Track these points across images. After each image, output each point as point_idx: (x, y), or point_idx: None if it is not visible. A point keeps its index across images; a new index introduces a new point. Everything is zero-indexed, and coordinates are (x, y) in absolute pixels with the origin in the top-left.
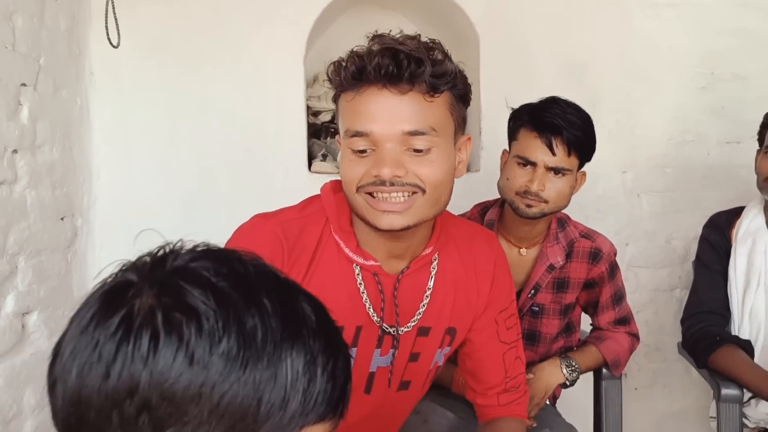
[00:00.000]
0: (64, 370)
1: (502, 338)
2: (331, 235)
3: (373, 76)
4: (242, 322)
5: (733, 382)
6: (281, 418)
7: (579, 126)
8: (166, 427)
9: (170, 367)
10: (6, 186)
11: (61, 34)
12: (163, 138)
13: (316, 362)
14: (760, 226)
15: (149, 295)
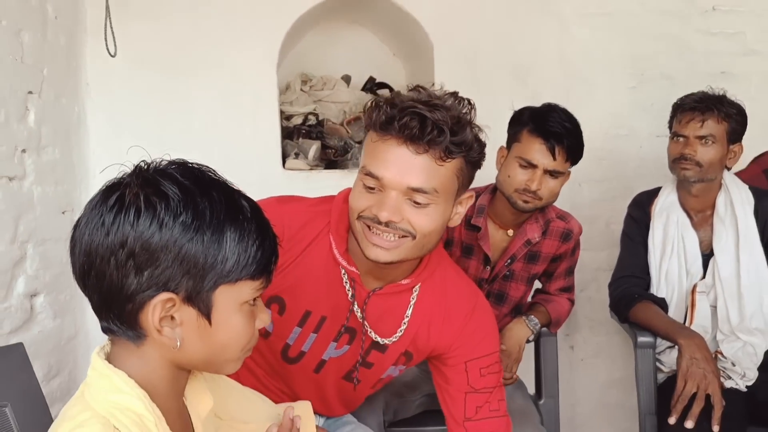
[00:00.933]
0: (80, 234)
1: (471, 383)
2: (327, 234)
3: (397, 131)
4: (196, 204)
5: (647, 331)
6: (221, 270)
7: (576, 134)
8: (144, 269)
9: (147, 229)
10: (17, 181)
11: (61, 48)
12: (152, 140)
13: (248, 237)
14: (673, 202)
15: (136, 185)
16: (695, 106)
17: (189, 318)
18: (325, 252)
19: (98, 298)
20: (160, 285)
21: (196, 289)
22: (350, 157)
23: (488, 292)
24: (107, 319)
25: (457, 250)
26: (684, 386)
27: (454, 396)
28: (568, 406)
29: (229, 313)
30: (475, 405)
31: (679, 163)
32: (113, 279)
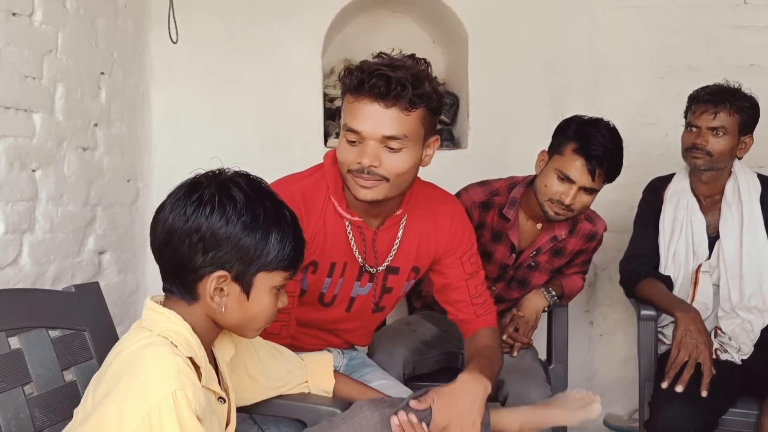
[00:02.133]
0: (164, 217)
1: (466, 270)
2: (330, 199)
3: (368, 91)
4: (255, 209)
5: (650, 305)
6: (264, 261)
7: (615, 155)
8: (209, 251)
9: (217, 222)
10: (89, 151)
11: (129, 34)
12: (207, 118)
13: (287, 240)
14: (685, 188)
15: (213, 187)
16: (709, 98)
17: (234, 292)
18: (332, 213)
19: (169, 266)
20: (218, 264)
21: (243, 271)
22: None
23: (512, 277)
24: (172, 283)
25: (487, 233)
26: (677, 355)
27: (458, 286)
28: (585, 379)
29: (262, 293)
30: (474, 285)
31: (691, 152)
32: (185, 254)
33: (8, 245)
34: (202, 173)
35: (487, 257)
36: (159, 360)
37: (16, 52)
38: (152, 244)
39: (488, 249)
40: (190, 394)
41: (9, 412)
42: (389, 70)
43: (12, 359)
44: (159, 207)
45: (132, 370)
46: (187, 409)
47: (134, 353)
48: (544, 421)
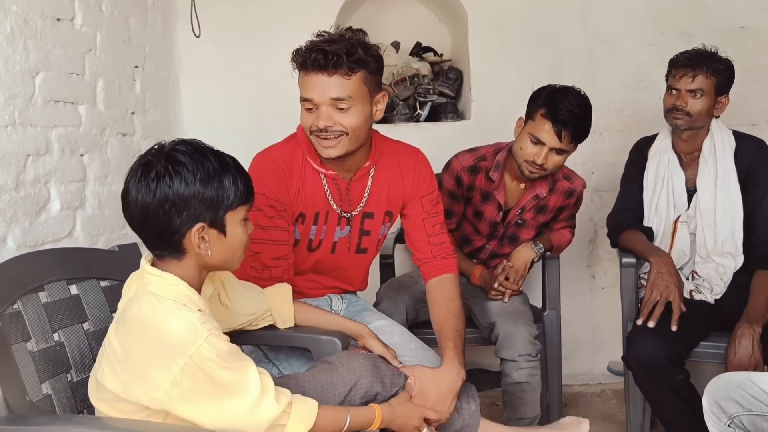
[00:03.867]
0: (133, 199)
1: (425, 209)
2: (306, 159)
3: (311, 66)
4: (204, 165)
5: (631, 253)
6: (227, 203)
7: (581, 119)
8: (182, 212)
9: (179, 187)
10: (128, 137)
11: (158, 30)
12: (231, 102)
13: (236, 180)
14: (667, 146)
15: (162, 161)
16: (687, 63)
17: (213, 236)
18: (310, 171)
19: (153, 237)
20: (193, 219)
21: (214, 217)
22: (396, 112)
23: (503, 235)
24: (159, 248)
25: (477, 194)
26: (650, 295)
27: (416, 224)
28: (589, 329)
29: (235, 227)
30: (432, 224)
31: (672, 113)
32: (163, 222)
33: (63, 220)
34: (145, 153)
35: (478, 216)
36: (184, 321)
37: (61, 52)
38: (131, 224)
39: (479, 209)
40: (217, 332)
41: (73, 343)
42: (326, 45)
43: (72, 302)
44: (123, 193)
45: (159, 334)
46: (220, 342)
47: (158, 320)
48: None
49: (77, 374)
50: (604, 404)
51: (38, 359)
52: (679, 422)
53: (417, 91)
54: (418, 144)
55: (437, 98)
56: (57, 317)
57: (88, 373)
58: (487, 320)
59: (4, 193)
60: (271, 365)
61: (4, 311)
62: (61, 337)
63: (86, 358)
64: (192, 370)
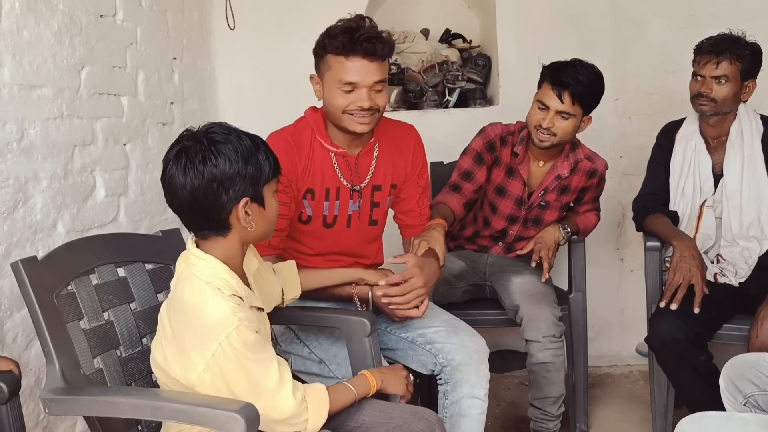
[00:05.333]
0: (181, 182)
1: (419, 185)
2: (316, 138)
3: (359, 51)
4: (241, 143)
5: (655, 236)
6: (264, 177)
7: (585, 84)
8: (229, 189)
9: (224, 167)
10: (168, 126)
11: (195, 22)
12: (264, 92)
13: (267, 155)
14: (694, 131)
15: (203, 144)
16: (711, 49)
17: (254, 209)
18: (319, 149)
19: (202, 217)
20: (239, 195)
21: (255, 191)
22: (425, 99)
23: (526, 218)
24: (206, 227)
25: (501, 171)
26: (673, 278)
27: (412, 197)
28: (617, 311)
29: (270, 199)
30: (423, 197)
31: (697, 100)
32: (212, 201)
33: (108, 206)
34: (178, 140)
35: (500, 193)
36: (217, 308)
37: (105, 47)
38: (179, 209)
39: (502, 184)
40: (247, 322)
41: (121, 321)
42: (373, 33)
43: (120, 283)
44: (168, 181)
45: (200, 318)
46: (248, 332)
47: (197, 305)
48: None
49: (125, 350)
50: (632, 385)
51: (90, 336)
52: (700, 401)
53: (446, 78)
54: (448, 130)
55: (466, 84)
56: (107, 298)
57: (136, 349)
58: (511, 303)
59: (54, 182)
60: (302, 345)
61: (59, 292)
62: (111, 316)
63: (133, 336)
64: (223, 356)
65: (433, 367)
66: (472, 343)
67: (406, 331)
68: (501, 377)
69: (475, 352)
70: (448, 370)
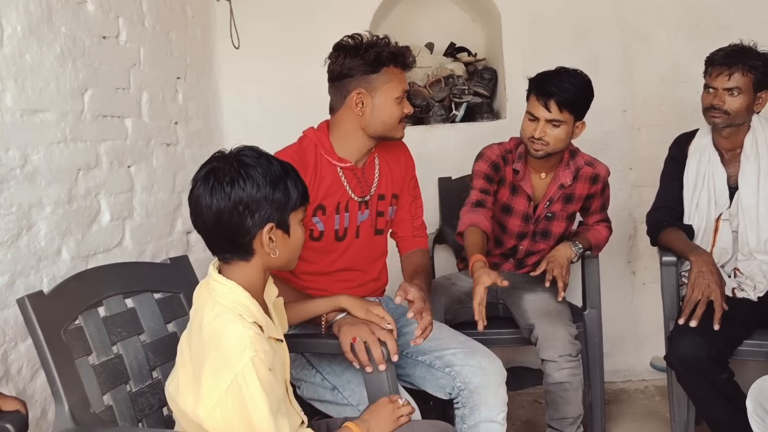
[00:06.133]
0: (207, 203)
1: (411, 194)
2: (321, 155)
3: (404, 64)
4: (270, 169)
5: (671, 251)
6: (291, 204)
7: (570, 90)
8: (255, 213)
9: (251, 190)
10: (172, 146)
11: (198, 41)
12: (270, 110)
13: (296, 182)
14: (707, 143)
15: (233, 166)
16: (722, 61)
17: (279, 236)
18: (326, 164)
19: (225, 240)
20: (264, 220)
21: (281, 218)
22: (431, 114)
23: (534, 232)
24: (229, 251)
25: (506, 190)
26: (692, 294)
27: (404, 206)
28: (631, 324)
29: (296, 228)
30: (415, 207)
31: (709, 112)
32: (236, 224)
33: (114, 230)
34: (209, 161)
35: (507, 211)
36: (235, 335)
37: (108, 69)
38: (202, 229)
39: (508, 203)
40: (263, 356)
41: (130, 354)
42: (405, 49)
43: (129, 315)
44: (194, 201)
45: (217, 344)
46: (263, 368)
47: (215, 329)
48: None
49: (135, 384)
50: (648, 401)
51: (99, 372)
52: (723, 420)
53: (452, 92)
54: (456, 145)
55: (472, 98)
56: (115, 330)
57: (146, 383)
58: (526, 321)
59: (59, 207)
60: (314, 371)
61: (67, 327)
62: (120, 349)
63: (143, 369)
64: (236, 391)
65: (451, 390)
66: (489, 365)
67: (423, 354)
68: (515, 395)
69: (492, 375)
70: (466, 393)
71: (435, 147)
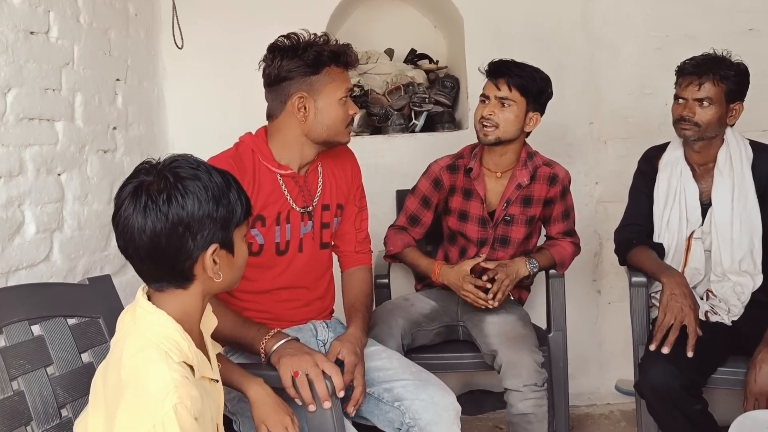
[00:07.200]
0: (140, 225)
1: (356, 204)
2: (260, 161)
3: (345, 63)
4: (211, 181)
5: (640, 271)
6: (236, 219)
7: (522, 74)
8: (197, 234)
9: (193, 207)
10: (110, 153)
11: (141, 41)
12: (218, 115)
13: (239, 194)
14: (679, 157)
15: (168, 180)
16: (693, 70)
17: (223, 257)
18: (265, 171)
19: (162, 267)
20: (207, 241)
21: (225, 237)
22: (390, 123)
23: (493, 238)
24: (165, 279)
25: (459, 195)
26: (664, 318)
27: (349, 217)
28: (595, 345)
29: (240, 245)
30: (360, 220)
31: (679, 124)
32: (175, 249)
33: (40, 244)
34: (136, 174)
35: (464, 217)
36: (158, 377)
37: (35, 67)
38: (134, 256)
39: (463, 209)
40: (188, 403)
41: (34, 390)
42: (346, 47)
43: (34, 344)
44: (121, 223)
45: (136, 385)
46: (187, 417)
47: (136, 367)
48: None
49: (38, 426)
50: (613, 426)
51: None
52: None
53: (412, 100)
54: (415, 156)
55: (433, 107)
56: (17, 363)
57: (53, 423)
58: (488, 347)
59: None
60: None
61: None
62: (21, 384)
63: (49, 407)
64: None
65: (400, 425)
66: (442, 399)
67: (371, 385)
68: (474, 420)
69: (445, 410)
70: (416, 430)
71: (393, 158)
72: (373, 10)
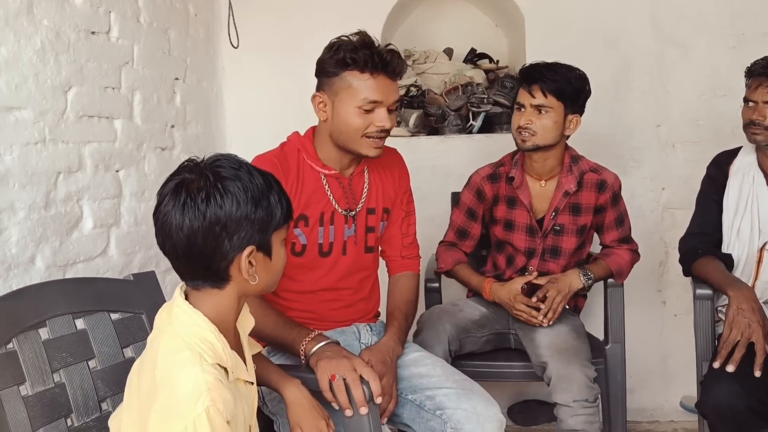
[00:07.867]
0: (178, 223)
1: (404, 209)
2: (304, 160)
3: (386, 70)
4: (252, 182)
5: (706, 283)
6: (275, 222)
7: (556, 78)
8: (233, 235)
9: (231, 207)
10: (168, 151)
11: (201, 40)
12: (275, 113)
13: (280, 197)
14: (751, 163)
15: (208, 179)
16: (763, 71)
17: (259, 259)
18: (309, 171)
19: (198, 266)
20: (244, 242)
21: (263, 239)
22: (447, 123)
23: (543, 249)
24: (201, 278)
25: (503, 204)
26: (729, 334)
27: (396, 222)
28: (659, 359)
29: (278, 249)
30: (407, 224)
31: (749, 128)
32: (212, 248)
33: (97, 238)
34: (179, 172)
35: (510, 227)
36: (191, 379)
37: (95, 66)
38: (170, 252)
39: (509, 218)
40: (221, 406)
41: (75, 383)
42: (393, 50)
43: (77, 338)
44: (161, 219)
45: (169, 386)
46: (219, 419)
47: (169, 368)
48: None
49: (78, 418)
50: None
51: (32, 404)
52: None
53: (470, 101)
54: (471, 157)
55: (491, 108)
56: (58, 356)
57: (92, 416)
58: (538, 358)
59: (33, 212)
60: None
61: None
62: (63, 377)
63: (90, 400)
64: None
65: None
66: (485, 410)
67: (413, 392)
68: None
69: (488, 422)
70: None
71: (449, 159)
72: (433, 9)
